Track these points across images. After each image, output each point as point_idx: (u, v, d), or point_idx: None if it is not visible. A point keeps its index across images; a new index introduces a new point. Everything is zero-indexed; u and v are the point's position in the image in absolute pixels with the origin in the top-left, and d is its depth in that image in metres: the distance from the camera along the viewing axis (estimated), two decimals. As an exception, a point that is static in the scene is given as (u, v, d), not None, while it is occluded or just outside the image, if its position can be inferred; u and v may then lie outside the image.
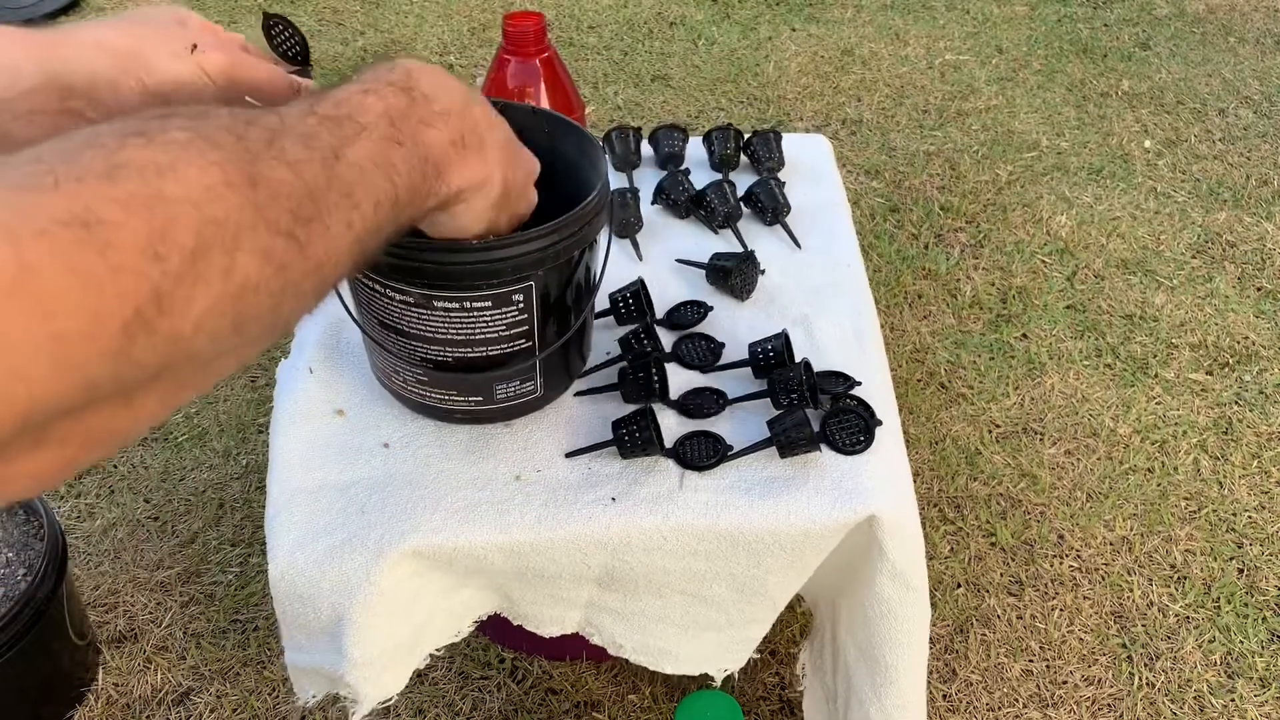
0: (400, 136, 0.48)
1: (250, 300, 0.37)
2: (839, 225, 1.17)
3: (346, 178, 0.43)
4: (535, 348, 0.82)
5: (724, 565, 0.87)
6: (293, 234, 0.39)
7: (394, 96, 0.49)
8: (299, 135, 0.42)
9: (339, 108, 0.46)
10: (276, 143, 0.40)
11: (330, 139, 0.43)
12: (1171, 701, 1.44)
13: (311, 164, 0.41)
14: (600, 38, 3.03)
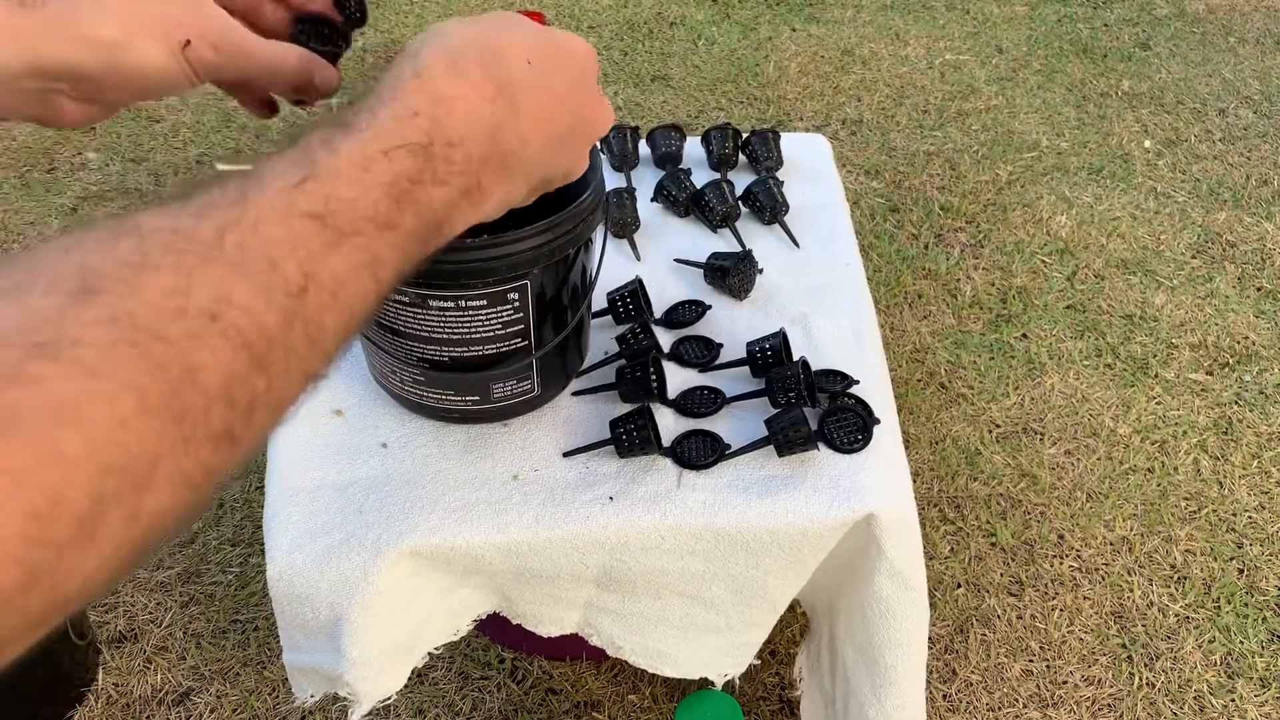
0: (400, 216, 0.42)
1: (160, 529, 0.32)
2: (838, 224, 1.17)
3: (315, 307, 0.37)
4: (532, 347, 0.82)
5: (722, 565, 0.87)
6: (228, 432, 0.34)
7: (406, 161, 0.42)
8: (260, 270, 0.35)
9: (327, 201, 0.39)
10: (224, 302, 0.34)
11: (304, 255, 0.37)
12: (1171, 701, 1.43)
13: (270, 313, 0.35)
14: (600, 38, 3.03)
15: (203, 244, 0.34)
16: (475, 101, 0.46)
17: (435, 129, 0.44)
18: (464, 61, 0.47)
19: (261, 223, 0.36)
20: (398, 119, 0.43)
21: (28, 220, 2.31)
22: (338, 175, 0.40)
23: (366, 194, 0.40)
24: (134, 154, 2.52)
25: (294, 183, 0.38)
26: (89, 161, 2.49)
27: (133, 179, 2.44)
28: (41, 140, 2.55)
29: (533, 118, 0.49)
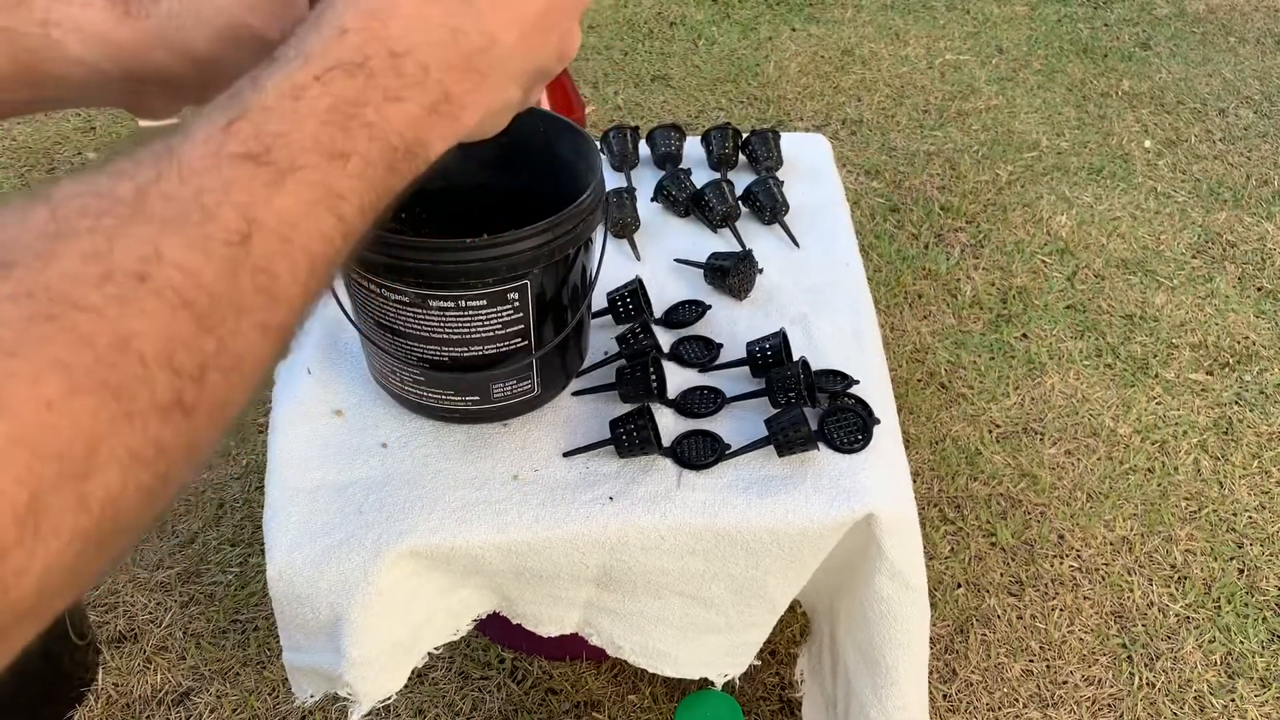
0: (350, 142, 0.38)
1: (118, 515, 0.30)
2: (837, 224, 1.17)
3: (263, 254, 0.34)
4: (532, 347, 0.82)
5: (722, 565, 0.87)
6: (177, 401, 0.31)
7: (342, 82, 0.38)
8: (194, 219, 0.33)
9: (259, 138, 0.36)
10: (153, 260, 0.31)
11: (243, 199, 0.34)
12: (1171, 701, 1.43)
13: (209, 266, 0.32)
14: (600, 38, 3.03)
15: (124, 203, 0.32)
16: (415, 6, 0.41)
17: (371, 43, 0.40)
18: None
19: (189, 172, 0.33)
20: (325, 41, 0.39)
21: (28, 220, 2.31)
22: (266, 110, 0.36)
23: (302, 124, 0.37)
24: (134, 154, 2.52)
25: (221, 126, 0.35)
26: (89, 161, 2.49)
27: (133, 179, 2.44)
28: (42, 140, 2.55)
29: (495, 9, 0.44)
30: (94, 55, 0.48)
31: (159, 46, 0.49)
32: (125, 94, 0.52)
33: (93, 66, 0.49)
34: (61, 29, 0.47)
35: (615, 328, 1.01)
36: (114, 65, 0.49)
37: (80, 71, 0.49)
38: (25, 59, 0.47)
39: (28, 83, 0.48)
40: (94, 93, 0.51)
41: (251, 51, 0.51)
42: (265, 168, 0.35)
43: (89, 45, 0.48)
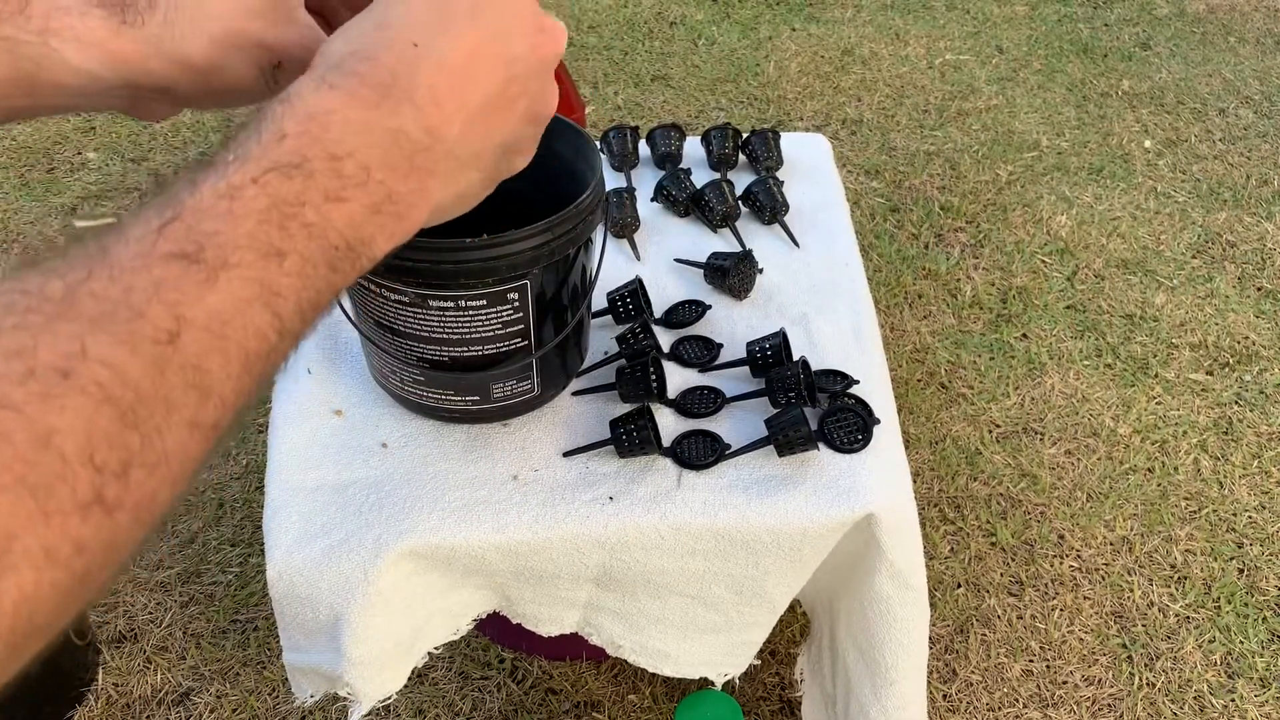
0: (288, 241, 0.38)
1: (33, 616, 0.29)
2: (837, 224, 1.17)
3: (194, 351, 0.34)
4: (531, 346, 0.82)
5: (722, 565, 0.87)
6: (98, 498, 0.30)
7: (279, 183, 0.38)
8: (122, 317, 0.32)
9: (192, 238, 0.35)
10: (77, 357, 0.31)
11: (173, 297, 0.34)
12: (1171, 701, 1.43)
13: (135, 363, 0.32)
14: (600, 38, 3.03)
15: (52, 300, 0.32)
16: (355, 112, 0.41)
17: (310, 146, 0.40)
18: (333, 74, 0.42)
19: (120, 271, 0.33)
20: (263, 145, 0.39)
21: (27, 220, 2.31)
22: (200, 210, 0.36)
23: (237, 223, 0.37)
24: (134, 154, 2.52)
25: (156, 227, 0.35)
26: (89, 161, 2.49)
27: (132, 179, 2.44)
28: (41, 140, 2.55)
29: (438, 104, 0.43)
30: (92, 64, 0.48)
31: (155, 55, 0.49)
32: (124, 100, 0.52)
33: (91, 75, 0.49)
34: (60, 38, 0.48)
35: (615, 328, 1.01)
36: (112, 73, 0.49)
37: (79, 80, 0.49)
38: (26, 67, 0.48)
39: (27, 91, 0.49)
40: (93, 99, 0.51)
41: (250, 58, 0.51)
42: (197, 266, 0.35)
43: (87, 54, 0.48)
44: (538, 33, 0.47)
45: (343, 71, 0.42)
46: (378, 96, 0.42)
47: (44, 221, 2.30)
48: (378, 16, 0.44)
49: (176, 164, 2.49)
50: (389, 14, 0.44)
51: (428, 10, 0.44)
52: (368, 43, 0.43)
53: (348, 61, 0.42)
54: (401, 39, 0.43)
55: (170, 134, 2.58)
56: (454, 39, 0.44)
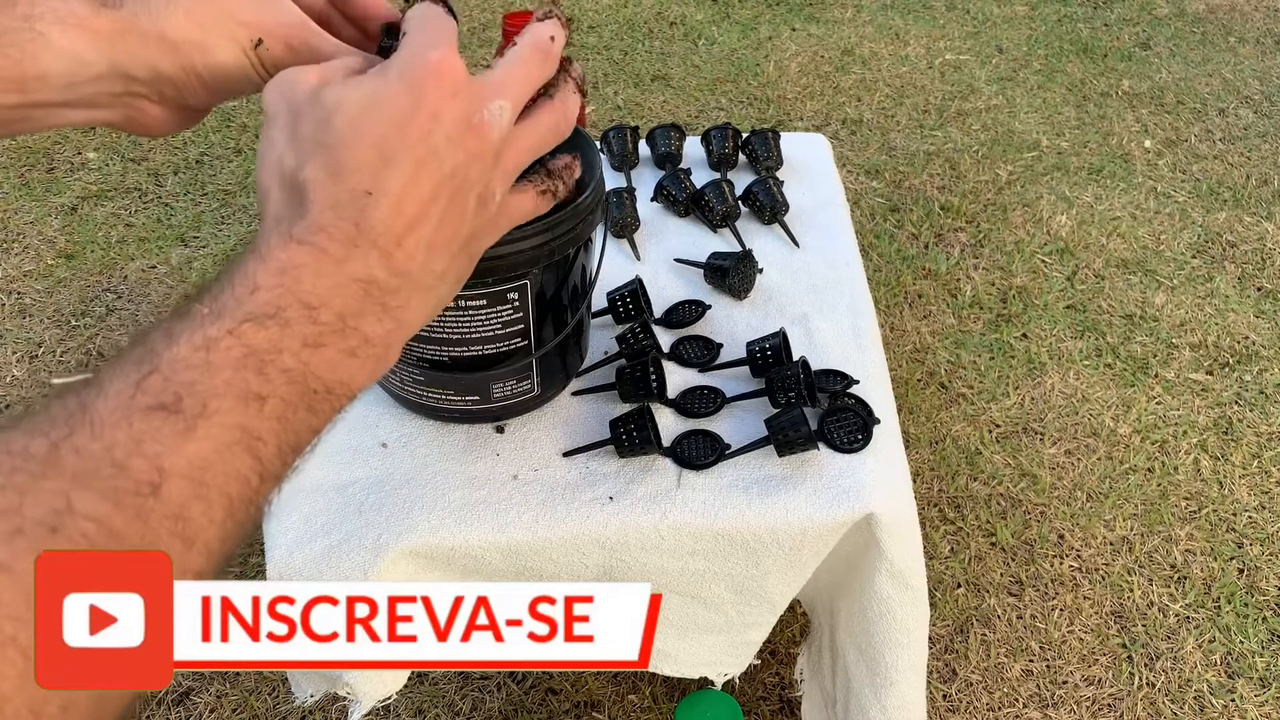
0: (267, 386, 0.38)
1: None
2: (837, 224, 1.17)
3: (176, 501, 0.35)
4: (531, 346, 0.82)
5: (722, 565, 0.87)
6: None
7: (255, 333, 0.39)
8: (105, 473, 0.33)
9: (170, 389, 0.36)
10: (64, 513, 0.32)
11: (154, 450, 0.35)
12: (1171, 701, 1.43)
13: (119, 516, 0.33)
14: (600, 38, 3.03)
15: (36, 459, 0.33)
16: (326, 265, 0.42)
17: (285, 297, 0.40)
18: (302, 225, 0.42)
19: (101, 426, 0.34)
20: (238, 298, 0.40)
21: (28, 220, 2.31)
22: (178, 362, 0.37)
23: (215, 372, 0.37)
24: (134, 154, 2.52)
25: (134, 381, 0.36)
26: (89, 161, 2.49)
27: (132, 179, 2.44)
28: (42, 140, 2.55)
29: (400, 245, 0.44)
30: (76, 44, 0.49)
31: (134, 31, 0.50)
32: (119, 99, 0.52)
33: (77, 57, 0.49)
34: (44, 21, 0.48)
35: (615, 328, 1.01)
36: (97, 54, 0.49)
37: (65, 64, 0.49)
38: (13, 54, 0.48)
39: (16, 83, 0.49)
40: (83, 96, 0.51)
41: (227, 34, 0.51)
42: (176, 416, 0.36)
43: (70, 35, 0.49)
44: (468, 134, 0.47)
45: (308, 226, 0.42)
46: (345, 251, 0.42)
47: (44, 221, 2.30)
48: (325, 160, 0.44)
49: (176, 164, 2.49)
50: (340, 158, 0.44)
51: (370, 153, 0.44)
52: (323, 195, 0.43)
53: (313, 212, 0.43)
54: (357, 188, 0.44)
55: (170, 134, 2.58)
56: (399, 175, 0.45)
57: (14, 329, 2.03)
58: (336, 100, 0.45)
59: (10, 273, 2.16)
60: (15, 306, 2.08)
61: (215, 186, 2.42)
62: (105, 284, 2.14)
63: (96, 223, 2.30)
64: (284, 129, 0.45)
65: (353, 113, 0.45)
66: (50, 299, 2.10)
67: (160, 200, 2.38)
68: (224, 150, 2.54)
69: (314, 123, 0.45)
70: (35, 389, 1.90)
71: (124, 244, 2.24)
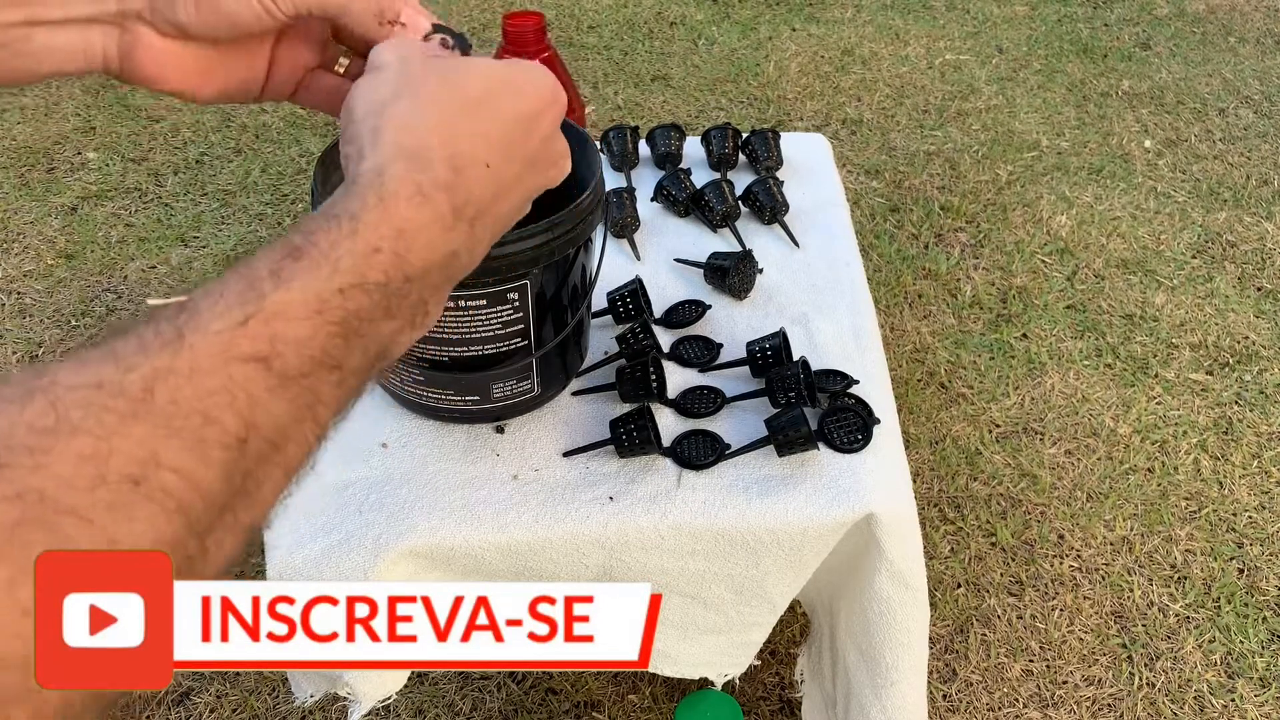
0: (347, 356, 0.39)
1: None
2: (837, 224, 1.17)
3: (252, 459, 0.34)
4: (531, 346, 0.82)
5: (722, 565, 0.87)
6: None
7: (359, 298, 0.39)
8: (195, 421, 0.32)
9: (271, 341, 0.35)
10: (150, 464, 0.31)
11: (244, 403, 0.34)
12: (1171, 701, 1.43)
13: (207, 470, 0.33)
14: (600, 38, 3.03)
15: (128, 399, 0.31)
16: (436, 232, 0.43)
17: (395, 265, 0.41)
18: (428, 180, 0.43)
19: (197, 370, 0.33)
20: (356, 255, 0.39)
21: (28, 220, 2.31)
22: (286, 315, 0.36)
23: (315, 334, 0.37)
24: (134, 154, 2.52)
25: (237, 321, 0.35)
26: (89, 161, 2.49)
27: (132, 179, 2.44)
28: (42, 140, 2.55)
29: (485, 227, 0.47)
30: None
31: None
32: (112, 19, 0.50)
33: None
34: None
35: (615, 328, 1.01)
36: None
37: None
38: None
39: None
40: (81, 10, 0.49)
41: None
42: (269, 372, 0.35)
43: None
44: (555, 140, 0.52)
45: (434, 178, 0.43)
46: (453, 219, 0.44)
47: (44, 221, 2.30)
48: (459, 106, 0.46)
49: (176, 164, 2.49)
50: (470, 109, 0.47)
51: (499, 117, 0.47)
52: (454, 146, 0.45)
53: (438, 163, 0.44)
54: (479, 150, 0.46)
55: (170, 134, 2.58)
56: (511, 164, 0.48)
57: (14, 329, 2.03)
58: (478, 71, 0.48)
59: (10, 273, 2.16)
60: (15, 306, 2.08)
61: (215, 186, 2.42)
62: (105, 284, 2.14)
63: (96, 223, 2.30)
64: (402, 82, 0.46)
65: (492, 88, 0.47)
66: (50, 299, 2.10)
67: (160, 200, 2.38)
68: (224, 150, 2.54)
69: (447, 87, 0.47)
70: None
71: (124, 244, 2.24)
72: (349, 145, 0.45)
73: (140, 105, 2.69)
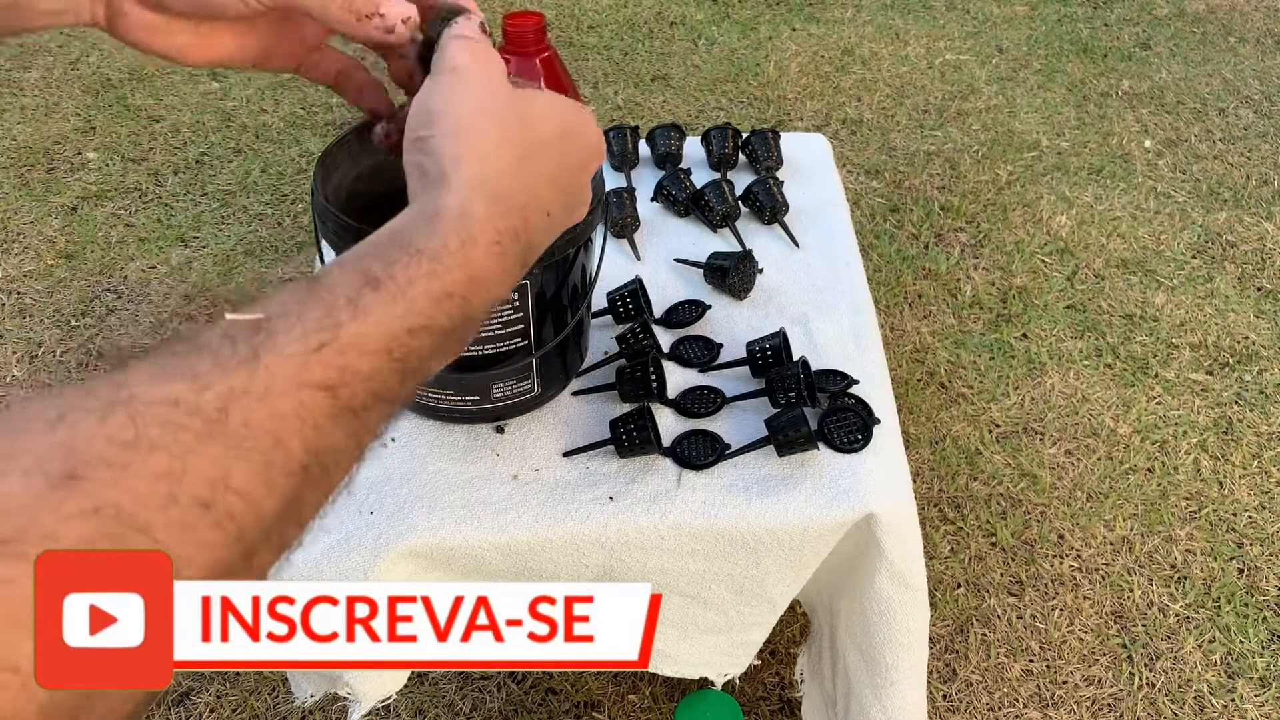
0: (400, 389, 0.39)
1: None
2: (837, 224, 1.17)
3: (310, 482, 0.35)
4: (532, 346, 0.82)
5: (722, 565, 0.87)
6: None
7: (425, 340, 0.39)
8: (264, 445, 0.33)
9: (341, 373, 0.36)
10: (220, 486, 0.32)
11: (310, 430, 0.35)
12: (1171, 701, 1.43)
13: (269, 497, 0.33)
14: (600, 38, 3.03)
15: (204, 419, 0.32)
16: (501, 280, 0.43)
17: (461, 310, 0.41)
18: (507, 228, 0.43)
19: (271, 393, 0.33)
20: (431, 298, 0.39)
21: (28, 220, 2.31)
22: (359, 348, 0.36)
23: (379, 370, 0.37)
24: (134, 154, 2.52)
25: (312, 348, 0.35)
26: (89, 161, 2.49)
27: (132, 179, 2.44)
28: (41, 140, 2.55)
29: (531, 263, 0.48)
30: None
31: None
32: None
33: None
34: None
35: (615, 328, 1.01)
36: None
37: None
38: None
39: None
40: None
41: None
42: (336, 403, 0.36)
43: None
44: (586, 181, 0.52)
45: (509, 228, 0.44)
46: (518, 268, 0.45)
47: (44, 221, 2.30)
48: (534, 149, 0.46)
49: (176, 164, 2.49)
50: (541, 154, 0.47)
51: (566, 179, 0.48)
52: (529, 193, 0.45)
53: (513, 211, 0.44)
54: (544, 205, 0.47)
55: (170, 134, 2.58)
56: (565, 211, 0.49)
57: (14, 329, 2.03)
58: (549, 111, 0.48)
59: (10, 273, 2.16)
60: (15, 306, 2.08)
61: (215, 186, 2.42)
62: (105, 284, 2.14)
63: (96, 223, 2.30)
64: (484, 103, 0.46)
65: (562, 131, 0.48)
66: (50, 299, 2.10)
67: (160, 200, 2.38)
68: (224, 150, 2.54)
69: (523, 124, 0.46)
70: (35, 389, 1.90)
71: (124, 244, 2.24)
72: (425, 156, 0.44)
73: (140, 105, 2.69)
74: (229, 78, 2.77)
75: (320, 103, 2.69)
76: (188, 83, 2.76)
